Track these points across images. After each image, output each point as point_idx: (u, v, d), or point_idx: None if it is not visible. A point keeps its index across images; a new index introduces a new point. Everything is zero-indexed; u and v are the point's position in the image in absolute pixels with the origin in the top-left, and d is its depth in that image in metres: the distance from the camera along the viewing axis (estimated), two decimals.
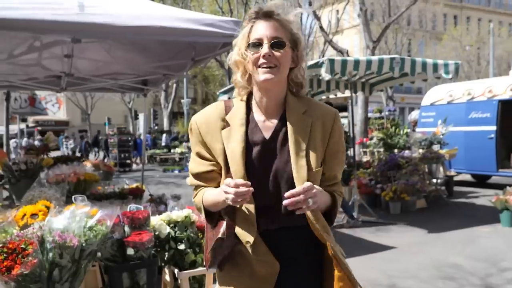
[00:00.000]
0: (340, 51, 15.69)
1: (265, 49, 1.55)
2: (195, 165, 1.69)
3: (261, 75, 1.56)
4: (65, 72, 5.56)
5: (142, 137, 13.01)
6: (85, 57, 5.64)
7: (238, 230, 1.60)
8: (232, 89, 9.28)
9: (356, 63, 6.81)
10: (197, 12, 26.96)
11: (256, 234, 1.58)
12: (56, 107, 21.28)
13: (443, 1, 44.26)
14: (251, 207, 1.58)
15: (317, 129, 1.63)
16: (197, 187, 1.72)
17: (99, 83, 6.53)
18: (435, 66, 7.35)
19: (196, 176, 1.70)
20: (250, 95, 1.69)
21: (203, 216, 1.69)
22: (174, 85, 28.05)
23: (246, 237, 1.58)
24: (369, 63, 6.87)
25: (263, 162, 1.61)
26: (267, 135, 1.63)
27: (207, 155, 1.66)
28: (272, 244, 1.60)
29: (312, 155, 1.60)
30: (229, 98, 1.95)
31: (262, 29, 1.57)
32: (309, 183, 1.48)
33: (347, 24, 38.80)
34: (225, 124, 1.64)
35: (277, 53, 1.55)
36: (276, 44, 1.55)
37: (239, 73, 1.65)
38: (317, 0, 27.14)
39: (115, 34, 3.90)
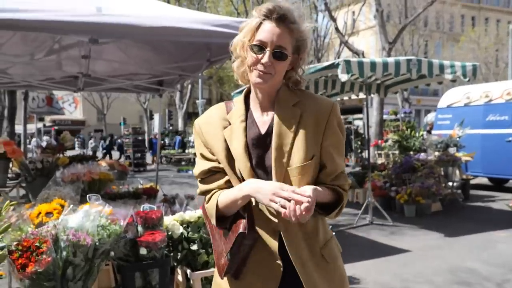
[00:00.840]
0: (356, 53, 15.62)
1: (265, 58, 1.52)
2: (199, 165, 1.66)
3: (255, 78, 1.55)
4: (82, 72, 5.64)
5: (157, 137, 13.14)
6: (102, 58, 5.72)
7: (258, 223, 1.57)
8: None
9: (373, 64, 6.75)
10: (213, 13, 27.15)
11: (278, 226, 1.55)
12: (73, 106, 21.58)
13: (461, 2, 43.79)
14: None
15: (309, 121, 1.58)
16: (207, 193, 1.66)
17: (115, 83, 6.60)
18: (453, 68, 7.25)
19: (203, 178, 1.65)
20: (249, 90, 1.68)
21: (213, 221, 1.61)
22: (189, 86, 28.21)
23: (271, 228, 1.56)
24: (385, 64, 6.81)
25: (260, 158, 1.59)
26: (263, 130, 1.61)
27: (210, 155, 1.64)
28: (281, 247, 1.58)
29: (299, 149, 1.55)
30: None
31: (269, 33, 1.52)
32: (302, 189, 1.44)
33: (363, 25, 38.57)
34: (227, 123, 1.63)
35: (276, 63, 1.53)
36: (277, 54, 1.52)
37: (237, 62, 1.64)
38: (333, 1, 27.07)
39: (132, 34, 3.95)
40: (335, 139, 1.61)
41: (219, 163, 1.62)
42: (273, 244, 1.56)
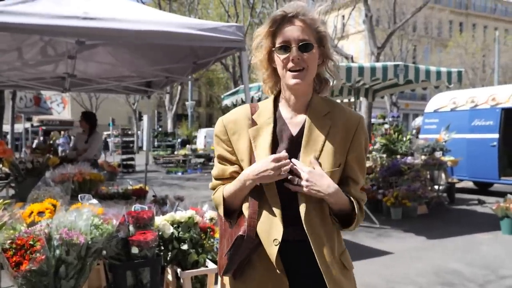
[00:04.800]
0: (345, 57, 15.76)
1: (293, 52, 1.55)
2: (219, 169, 1.70)
3: (291, 79, 1.58)
4: (68, 73, 5.66)
5: (144, 138, 13.15)
6: (92, 60, 5.77)
7: (261, 228, 1.57)
8: (236, 92, 9.35)
9: (361, 69, 6.87)
10: (203, 15, 27.05)
11: (282, 233, 1.54)
12: (61, 107, 21.37)
13: (449, 8, 44.34)
14: (276, 202, 1.56)
15: (338, 132, 1.62)
16: (217, 186, 1.72)
17: (104, 84, 6.63)
18: (438, 74, 7.40)
19: (218, 179, 1.71)
20: (278, 94, 1.71)
21: (221, 212, 1.65)
22: (179, 88, 28.18)
23: (272, 235, 1.55)
24: (373, 70, 6.93)
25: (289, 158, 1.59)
26: (295, 131, 1.63)
27: (229, 155, 1.67)
28: (287, 258, 1.58)
29: (326, 157, 1.58)
30: (236, 101, 1.94)
31: (289, 32, 1.57)
32: (309, 169, 1.53)
33: (353, 30, 38.88)
34: (252, 123, 1.65)
35: (305, 56, 1.56)
36: (303, 46, 1.56)
37: (265, 72, 1.69)
38: (323, 5, 27.18)
39: (118, 38, 4.03)
40: (359, 153, 1.65)
41: (238, 164, 1.65)
42: (272, 251, 1.55)
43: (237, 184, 1.60)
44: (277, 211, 1.56)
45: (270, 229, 1.56)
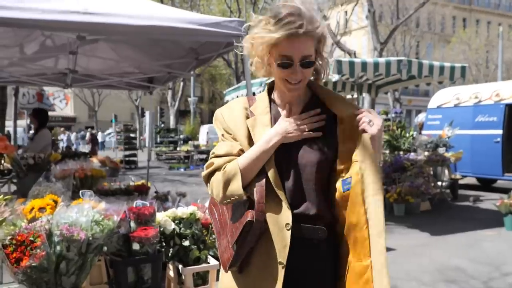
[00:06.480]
0: (348, 52, 15.71)
1: (296, 70, 1.53)
2: (227, 147, 1.62)
3: (288, 87, 1.58)
4: (69, 68, 5.64)
5: (147, 134, 13.13)
6: (94, 55, 5.74)
7: (269, 215, 1.54)
8: (238, 88, 9.32)
9: (364, 64, 6.83)
10: (205, 10, 26.99)
11: (291, 218, 1.52)
12: (64, 103, 21.38)
13: (452, 3, 44.15)
14: (279, 185, 1.56)
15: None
16: (223, 164, 1.59)
17: (105, 80, 6.62)
18: (442, 69, 7.35)
19: (222, 156, 1.62)
20: (272, 88, 1.71)
21: (238, 185, 1.53)
22: (181, 84, 28.14)
23: (283, 220, 1.52)
24: (376, 65, 6.89)
25: (286, 151, 1.59)
26: None
27: (231, 137, 1.66)
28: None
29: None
30: (237, 97, 1.91)
31: (293, 48, 1.51)
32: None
33: (355, 25, 38.73)
34: (250, 114, 1.66)
35: (305, 71, 1.55)
36: (305, 63, 1.54)
37: (256, 65, 1.64)
38: (326, 1, 27.16)
39: (119, 32, 4.01)
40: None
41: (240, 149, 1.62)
42: (285, 236, 1.52)
43: (257, 149, 1.56)
44: (281, 195, 1.55)
45: (279, 215, 1.53)
